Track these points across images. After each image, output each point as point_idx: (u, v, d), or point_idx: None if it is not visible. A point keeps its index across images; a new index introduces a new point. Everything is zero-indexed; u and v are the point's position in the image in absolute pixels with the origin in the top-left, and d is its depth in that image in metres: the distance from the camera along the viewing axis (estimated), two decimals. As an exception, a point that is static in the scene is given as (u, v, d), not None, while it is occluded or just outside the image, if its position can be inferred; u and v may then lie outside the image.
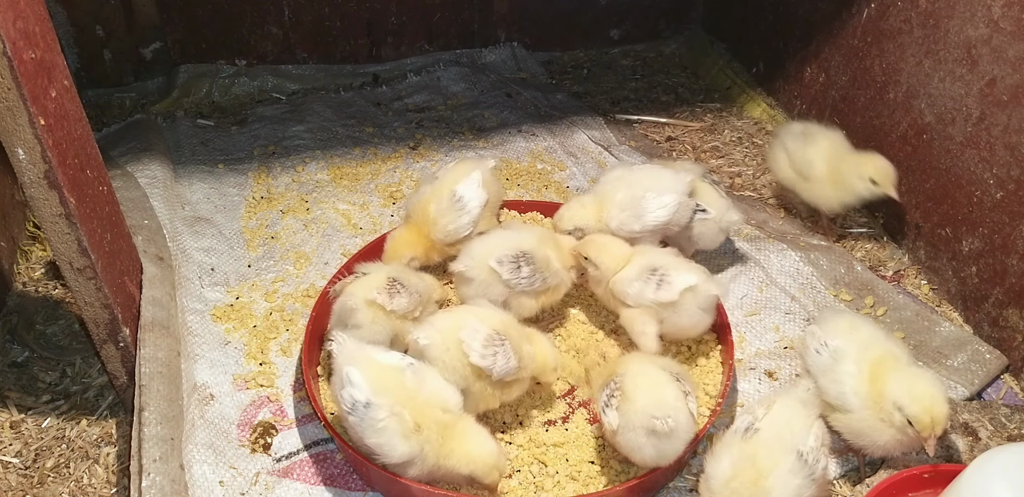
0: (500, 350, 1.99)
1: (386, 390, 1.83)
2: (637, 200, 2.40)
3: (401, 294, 2.16)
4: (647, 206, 2.39)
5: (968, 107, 2.38)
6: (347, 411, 1.82)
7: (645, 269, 2.21)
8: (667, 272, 2.19)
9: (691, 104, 3.54)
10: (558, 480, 2.04)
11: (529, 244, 2.28)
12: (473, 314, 2.08)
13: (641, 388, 1.89)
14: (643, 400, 1.87)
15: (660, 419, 1.83)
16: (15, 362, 2.42)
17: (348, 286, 2.21)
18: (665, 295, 2.16)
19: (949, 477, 1.77)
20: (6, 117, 1.72)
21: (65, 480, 2.13)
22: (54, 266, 2.64)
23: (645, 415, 1.84)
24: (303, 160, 3.12)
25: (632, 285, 2.20)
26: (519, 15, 3.72)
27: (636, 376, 1.93)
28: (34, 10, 1.76)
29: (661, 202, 2.38)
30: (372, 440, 1.82)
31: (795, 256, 2.64)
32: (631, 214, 2.40)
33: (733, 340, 2.27)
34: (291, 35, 3.53)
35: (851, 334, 2.04)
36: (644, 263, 2.23)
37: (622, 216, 2.41)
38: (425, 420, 1.85)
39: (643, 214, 2.39)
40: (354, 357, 1.89)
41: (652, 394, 1.88)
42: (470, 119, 3.36)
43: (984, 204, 2.37)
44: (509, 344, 2.01)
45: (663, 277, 2.18)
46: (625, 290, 2.22)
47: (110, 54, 3.44)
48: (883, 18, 2.71)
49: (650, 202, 2.39)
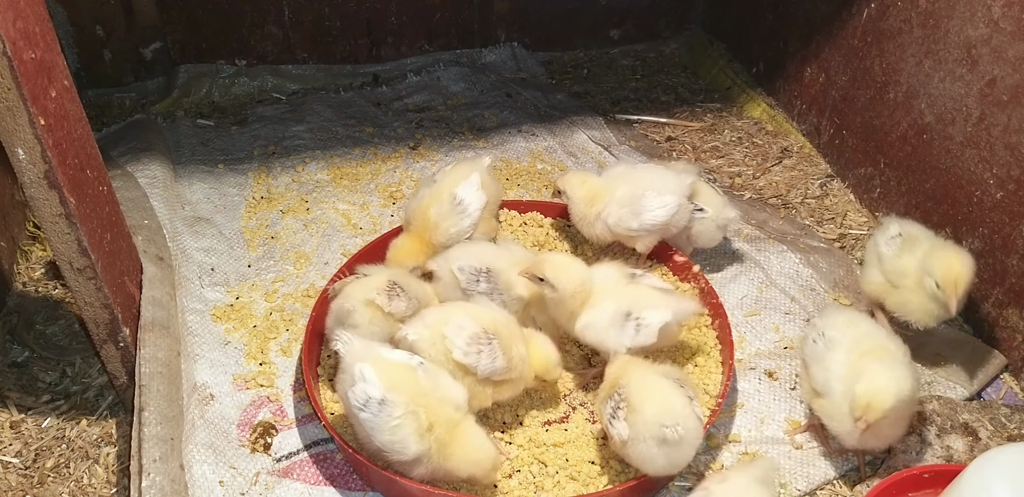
0: (486, 349, 1.98)
1: (400, 388, 1.82)
2: (637, 198, 2.39)
3: (400, 297, 2.16)
4: (647, 204, 2.38)
5: (968, 107, 2.38)
6: (358, 408, 1.80)
7: (618, 315, 2.12)
8: (640, 313, 2.11)
9: (691, 104, 3.54)
10: (558, 480, 2.04)
11: (499, 265, 2.25)
12: (464, 311, 2.06)
13: (648, 398, 1.88)
14: (651, 410, 1.86)
15: (670, 427, 1.83)
16: (15, 362, 2.42)
17: (347, 286, 2.21)
18: (645, 339, 2.11)
19: (949, 477, 1.77)
20: (6, 117, 1.72)
21: (65, 480, 2.13)
22: (54, 266, 2.64)
23: (655, 425, 1.84)
24: (303, 160, 3.12)
25: (608, 334, 2.12)
26: (519, 15, 3.72)
27: (640, 386, 1.91)
28: (34, 10, 1.76)
29: (661, 201, 2.37)
30: (385, 437, 1.80)
31: (795, 258, 2.64)
32: (630, 211, 2.39)
33: (733, 340, 2.27)
34: (291, 35, 3.53)
35: (848, 328, 2.05)
36: (614, 309, 2.13)
37: (621, 212, 2.39)
38: (438, 419, 1.84)
39: (642, 212, 2.38)
40: (364, 354, 1.87)
41: (660, 403, 1.88)
42: (470, 119, 3.36)
43: (984, 204, 2.37)
44: (497, 344, 1.99)
45: (638, 321, 2.10)
46: (601, 340, 2.13)
47: (110, 54, 3.44)
48: (883, 18, 2.71)
49: (650, 201, 2.38)
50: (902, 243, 2.25)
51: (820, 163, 3.14)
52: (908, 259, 2.22)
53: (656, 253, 2.57)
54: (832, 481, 2.09)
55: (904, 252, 2.23)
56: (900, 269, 2.22)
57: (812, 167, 3.13)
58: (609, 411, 1.92)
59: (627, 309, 2.12)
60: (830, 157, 3.12)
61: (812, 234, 2.78)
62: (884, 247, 2.27)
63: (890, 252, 2.26)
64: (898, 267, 2.23)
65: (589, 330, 2.15)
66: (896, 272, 2.23)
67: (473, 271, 2.24)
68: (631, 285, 2.20)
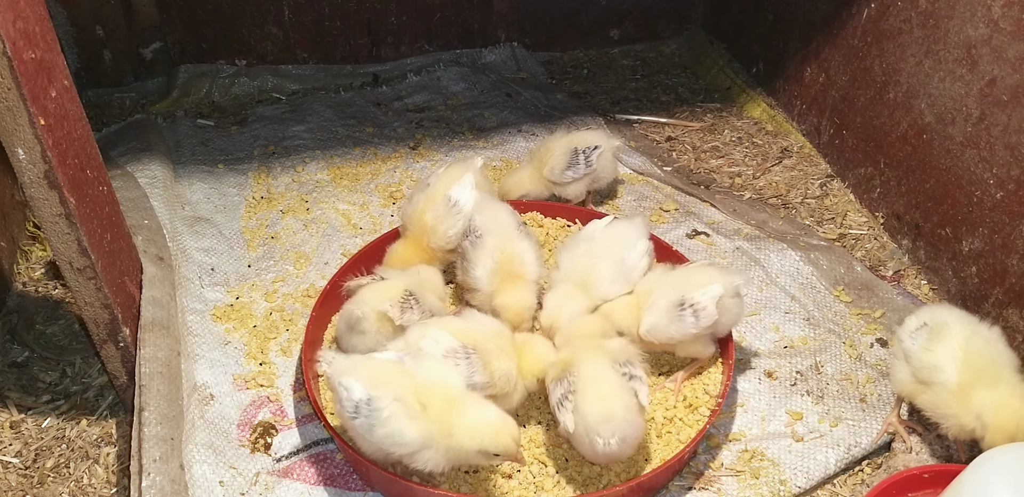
0: (463, 363, 1.96)
1: (383, 382, 1.82)
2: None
3: (413, 310, 2.14)
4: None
5: (968, 107, 2.38)
6: (351, 416, 1.80)
7: (672, 307, 2.13)
8: (691, 298, 2.11)
9: (691, 104, 3.54)
10: (558, 480, 2.04)
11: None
12: (444, 325, 2.05)
13: (591, 399, 1.89)
14: (592, 415, 1.87)
15: (604, 439, 1.85)
16: (15, 362, 2.42)
17: (362, 290, 2.19)
18: (708, 319, 2.11)
19: (949, 477, 1.77)
20: (6, 117, 1.72)
21: (65, 480, 2.13)
22: (54, 266, 2.64)
23: (593, 432, 1.86)
24: (303, 160, 3.12)
25: (671, 329, 2.13)
26: (519, 15, 3.72)
27: (588, 380, 1.92)
28: (34, 10, 1.76)
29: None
30: (381, 432, 1.78)
31: (795, 256, 2.64)
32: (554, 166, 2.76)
33: (733, 340, 2.27)
34: (291, 35, 3.53)
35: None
36: (665, 303, 2.14)
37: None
38: (431, 399, 1.82)
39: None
40: (346, 368, 1.85)
41: (601, 408, 1.88)
42: (470, 119, 3.36)
43: (984, 204, 2.37)
44: (477, 358, 1.97)
45: (693, 306, 2.10)
46: (670, 336, 2.14)
47: (110, 54, 3.44)
48: (883, 18, 2.71)
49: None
50: (929, 334, 1.96)
51: (820, 163, 3.14)
52: (941, 350, 1.93)
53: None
54: (832, 480, 2.10)
55: (933, 343, 1.95)
56: (931, 364, 1.93)
57: (812, 167, 3.13)
58: (557, 398, 1.93)
59: (677, 299, 2.13)
60: (830, 157, 3.12)
61: (812, 234, 2.78)
62: (909, 341, 1.99)
63: (916, 346, 1.97)
64: (927, 362, 1.94)
65: (654, 332, 2.15)
66: (927, 368, 1.94)
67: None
68: (670, 273, 2.22)
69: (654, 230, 2.68)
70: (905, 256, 2.73)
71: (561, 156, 2.74)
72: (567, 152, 2.74)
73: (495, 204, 2.43)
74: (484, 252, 2.30)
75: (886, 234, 2.82)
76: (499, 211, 2.39)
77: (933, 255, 2.62)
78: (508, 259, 2.29)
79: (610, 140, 2.84)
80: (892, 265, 2.71)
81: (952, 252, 2.53)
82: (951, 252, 2.53)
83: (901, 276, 2.68)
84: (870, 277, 2.58)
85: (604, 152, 2.77)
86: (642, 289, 2.23)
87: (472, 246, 2.32)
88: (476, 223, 2.35)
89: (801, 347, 2.40)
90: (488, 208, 2.39)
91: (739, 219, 2.84)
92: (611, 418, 1.87)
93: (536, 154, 2.82)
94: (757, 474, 2.07)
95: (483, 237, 2.31)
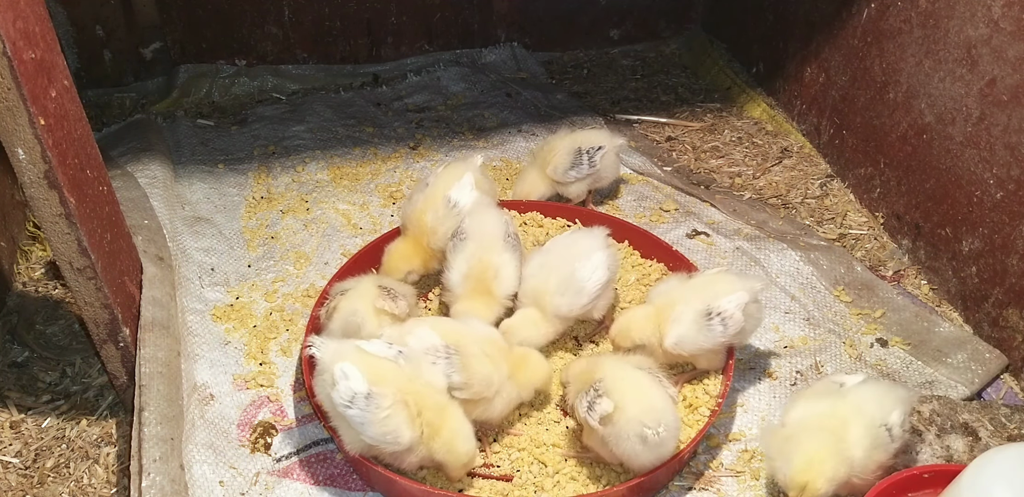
0: (442, 363, 1.95)
1: (384, 379, 1.83)
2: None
3: (399, 298, 2.16)
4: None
5: (968, 107, 2.38)
6: (345, 406, 1.80)
7: (700, 317, 2.10)
8: (717, 307, 2.09)
9: (691, 104, 3.54)
10: (558, 480, 2.04)
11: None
12: (431, 323, 2.05)
13: (628, 394, 1.88)
14: (632, 407, 1.86)
15: (652, 429, 1.84)
16: (15, 362, 2.42)
17: (340, 304, 2.17)
18: (735, 327, 2.10)
19: (949, 477, 1.77)
20: (6, 117, 1.71)
21: (65, 480, 2.13)
22: (54, 266, 2.64)
23: (638, 423, 1.85)
24: (303, 160, 3.12)
25: (699, 340, 2.10)
26: (519, 15, 3.72)
27: (618, 381, 1.91)
28: (34, 10, 1.76)
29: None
30: (376, 430, 1.80)
31: (795, 256, 2.64)
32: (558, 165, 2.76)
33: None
34: (291, 35, 3.53)
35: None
36: (691, 314, 2.10)
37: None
38: (425, 404, 1.86)
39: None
40: (341, 353, 1.86)
41: (640, 399, 1.88)
42: (470, 119, 3.36)
43: (984, 204, 2.37)
44: (457, 359, 1.97)
45: (720, 314, 2.09)
46: (699, 346, 2.11)
47: (110, 54, 3.44)
48: (883, 18, 2.71)
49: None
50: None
51: (820, 163, 3.14)
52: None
53: (654, 252, 2.58)
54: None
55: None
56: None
57: (812, 167, 3.13)
58: (587, 404, 1.91)
59: (703, 308, 2.10)
60: (830, 157, 3.12)
61: (812, 234, 2.78)
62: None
63: None
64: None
65: (683, 344, 2.12)
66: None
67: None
68: (688, 283, 2.19)
69: (654, 230, 2.68)
70: (905, 256, 2.73)
71: (565, 156, 2.73)
72: (571, 152, 2.73)
73: (489, 210, 2.39)
74: (461, 257, 2.28)
75: (886, 234, 2.82)
76: (490, 218, 2.35)
77: (933, 255, 2.62)
78: (483, 269, 2.26)
79: (614, 140, 2.82)
80: (892, 265, 2.71)
81: (952, 252, 2.53)
82: (951, 252, 2.53)
83: (901, 276, 2.68)
84: (870, 277, 2.58)
85: (608, 152, 2.77)
86: (662, 301, 2.18)
87: (453, 248, 2.31)
88: (464, 226, 2.33)
89: (801, 347, 2.40)
90: (481, 213, 2.36)
91: (739, 219, 2.84)
92: (652, 408, 1.87)
93: (539, 153, 2.82)
94: (757, 475, 2.07)
95: (466, 241, 2.29)
